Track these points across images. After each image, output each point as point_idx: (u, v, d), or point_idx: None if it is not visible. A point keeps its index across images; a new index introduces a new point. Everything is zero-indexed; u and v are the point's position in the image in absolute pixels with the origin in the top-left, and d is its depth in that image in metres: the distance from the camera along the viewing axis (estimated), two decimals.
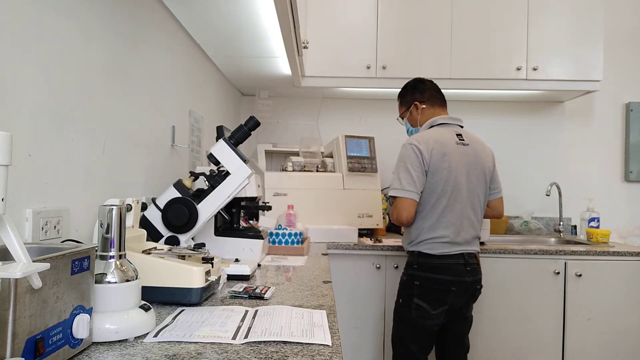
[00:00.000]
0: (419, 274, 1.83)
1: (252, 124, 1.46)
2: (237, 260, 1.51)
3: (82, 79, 1.19)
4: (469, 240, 1.84)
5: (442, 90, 2.06)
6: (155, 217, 1.41)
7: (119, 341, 0.82)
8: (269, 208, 1.78)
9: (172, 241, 1.40)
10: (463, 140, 1.88)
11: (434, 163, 1.79)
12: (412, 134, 2.01)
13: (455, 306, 1.83)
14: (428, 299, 1.81)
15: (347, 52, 2.72)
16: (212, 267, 1.14)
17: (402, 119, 2.11)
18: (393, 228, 2.93)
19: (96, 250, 0.84)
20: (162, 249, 1.21)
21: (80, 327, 0.73)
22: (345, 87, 2.87)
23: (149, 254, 1.13)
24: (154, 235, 1.41)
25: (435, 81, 2.07)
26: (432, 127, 1.93)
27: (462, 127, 1.96)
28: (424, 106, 2.00)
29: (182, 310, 1.03)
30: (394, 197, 1.84)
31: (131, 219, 1.14)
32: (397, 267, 2.37)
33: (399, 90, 2.64)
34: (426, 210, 1.83)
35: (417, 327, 1.83)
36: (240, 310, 1.04)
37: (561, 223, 2.95)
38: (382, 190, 2.79)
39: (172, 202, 1.39)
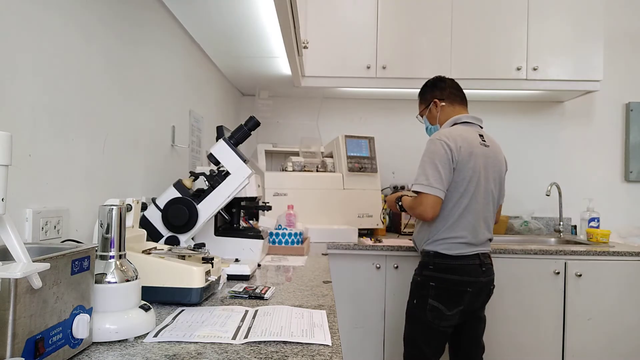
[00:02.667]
0: (435, 275, 1.81)
1: (252, 124, 1.46)
2: (237, 260, 1.51)
3: (82, 79, 1.19)
4: (484, 241, 1.83)
5: None
6: (155, 217, 1.41)
7: (119, 341, 0.82)
8: (269, 208, 1.78)
9: (172, 241, 1.40)
10: (485, 141, 1.87)
11: (462, 161, 1.76)
12: (431, 132, 1.99)
13: (470, 307, 1.82)
14: (443, 299, 1.79)
15: (347, 52, 2.72)
16: (212, 267, 1.14)
17: (422, 116, 2.09)
18: (393, 228, 2.93)
19: (96, 250, 0.84)
20: (162, 249, 1.21)
21: (80, 327, 0.73)
22: (345, 87, 2.87)
23: (149, 254, 1.13)
24: (154, 235, 1.41)
25: None
26: (455, 124, 1.91)
27: (482, 127, 1.95)
28: (444, 104, 1.97)
29: (182, 310, 1.03)
30: (417, 193, 1.80)
31: (131, 219, 1.14)
32: (397, 267, 2.37)
33: (399, 89, 2.70)
34: (448, 208, 1.79)
35: (432, 329, 1.81)
36: (240, 310, 1.04)
37: (561, 223, 2.95)
38: (382, 190, 2.79)
39: (172, 202, 1.39)
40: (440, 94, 1.99)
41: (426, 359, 1.83)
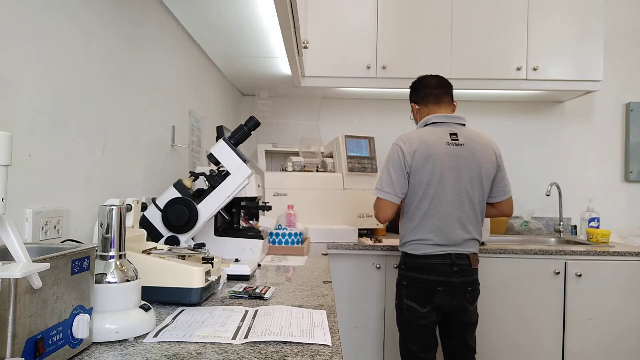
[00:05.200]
0: (406, 274, 1.86)
1: (252, 124, 1.46)
2: (237, 260, 1.51)
3: (82, 79, 1.19)
4: (459, 242, 1.80)
5: None
6: (155, 217, 1.41)
7: (119, 341, 0.82)
8: (269, 208, 1.78)
9: (172, 241, 1.40)
10: (457, 140, 1.82)
11: (416, 165, 1.79)
12: None
13: (446, 306, 1.80)
14: (415, 298, 1.82)
15: (347, 52, 2.72)
16: (212, 267, 1.14)
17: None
18: (393, 228, 2.93)
19: (96, 250, 0.84)
20: (162, 249, 1.21)
21: (80, 327, 0.73)
22: (345, 87, 2.87)
23: (149, 254, 1.13)
24: (154, 235, 1.41)
25: None
26: (426, 125, 1.90)
27: (463, 124, 1.89)
28: (418, 107, 1.99)
29: (182, 310, 1.03)
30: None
31: (131, 219, 1.14)
32: (397, 267, 2.36)
33: (400, 90, 2.74)
34: (410, 212, 1.84)
35: (412, 327, 1.83)
36: (240, 310, 1.04)
37: (561, 223, 2.95)
38: None
39: (172, 202, 1.39)
40: (416, 97, 2.00)
41: (417, 357, 1.83)
